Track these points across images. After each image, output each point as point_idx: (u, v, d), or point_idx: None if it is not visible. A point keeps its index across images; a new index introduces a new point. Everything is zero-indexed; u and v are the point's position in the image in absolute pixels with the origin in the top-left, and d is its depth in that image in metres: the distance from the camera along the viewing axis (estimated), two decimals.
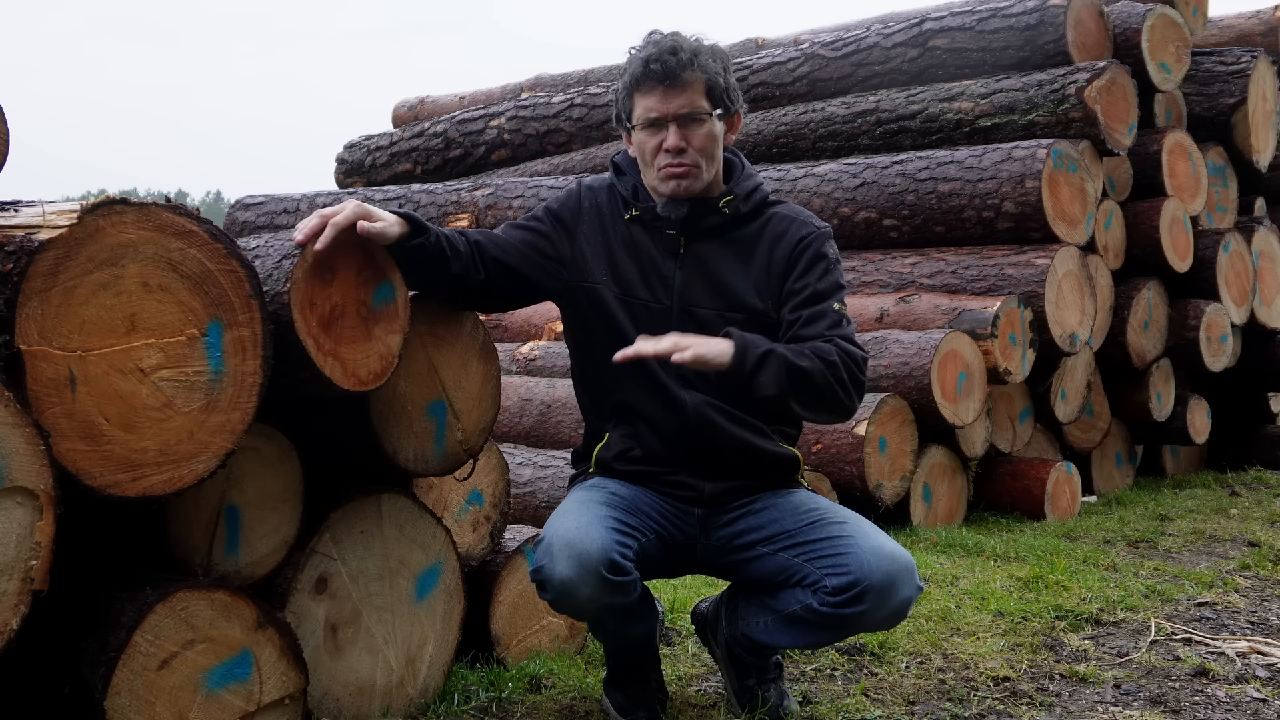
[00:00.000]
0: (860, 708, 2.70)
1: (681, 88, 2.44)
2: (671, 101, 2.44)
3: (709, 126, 2.47)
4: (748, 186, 2.57)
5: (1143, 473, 6.81)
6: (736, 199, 2.54)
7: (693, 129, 2.46)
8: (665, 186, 2.49)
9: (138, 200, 1.92)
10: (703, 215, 2.52)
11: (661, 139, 2.46)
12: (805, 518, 2.45)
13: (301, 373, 2.17)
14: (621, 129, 2.59)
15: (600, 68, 9.22)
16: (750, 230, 2.55)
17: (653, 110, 2.45)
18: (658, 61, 2.43)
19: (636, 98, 2.48)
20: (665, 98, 2.44)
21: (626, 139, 2.60)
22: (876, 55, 6.70)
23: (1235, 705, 2.77)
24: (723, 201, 2.53)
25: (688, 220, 2.51)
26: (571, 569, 2.24)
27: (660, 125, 2.46)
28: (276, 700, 2.17)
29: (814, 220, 2.58)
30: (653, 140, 2.47)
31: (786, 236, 2.53)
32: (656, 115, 2.45)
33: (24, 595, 1.76)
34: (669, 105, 2.44)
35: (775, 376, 2.31)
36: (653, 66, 2.44)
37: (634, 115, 2.50)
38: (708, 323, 2.48)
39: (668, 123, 2.45)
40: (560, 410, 5.34)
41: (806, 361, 2.34)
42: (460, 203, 7.57)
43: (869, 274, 5.82)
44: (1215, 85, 6.88)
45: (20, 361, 1.78)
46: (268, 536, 2.34)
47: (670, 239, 2.52)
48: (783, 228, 2.55)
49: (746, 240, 2.54)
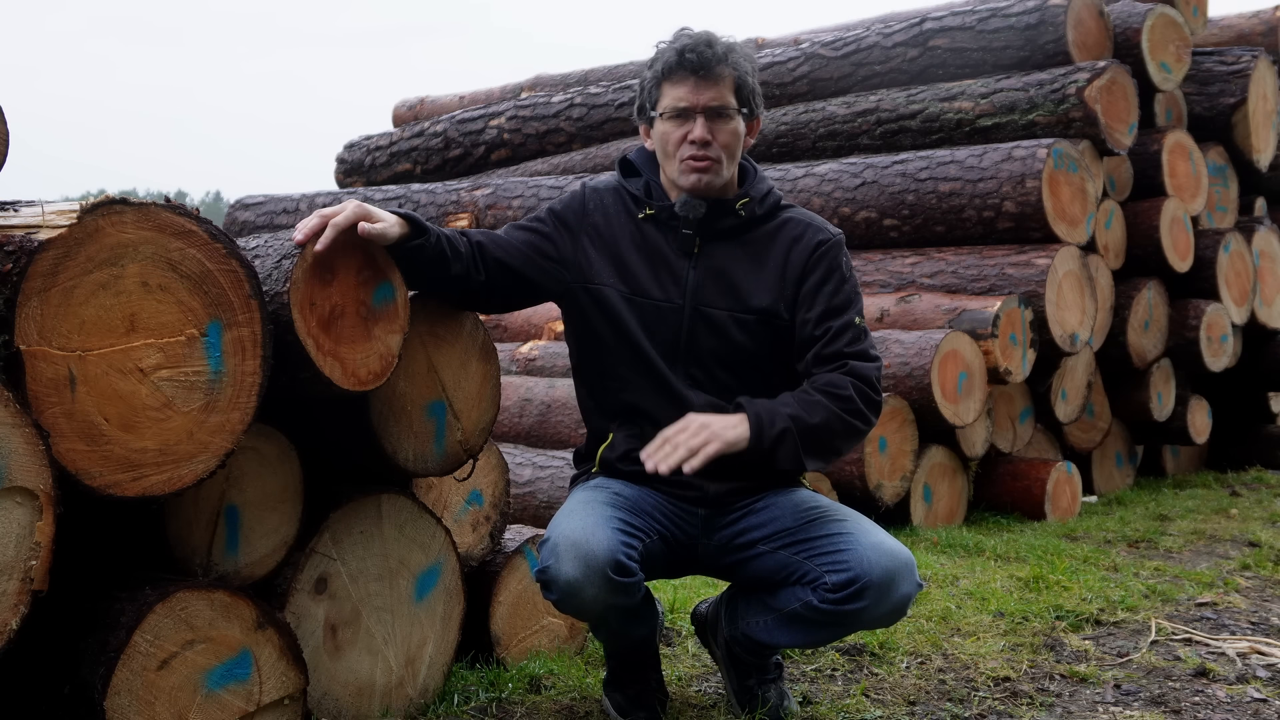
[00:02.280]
0: (860, 708, 2.70)
1: (714, 81, 2.44)
2: (702, 93, 2.44)
3: (734, 124, 2.48)
4: (762, 189, 2.57)
5: (1143, 473, 6.81)
6: (752, 201, 2.54)
7: (719, 124, 2.46)
8: (686, 180, 2.48)
9: (137, 200, 1.92)
10: (719, 216, 2.52)
11: (687, 130, 2.45)
12: (805, 515, 2.45)
13: (301, 373, 2.17)
14: (642, 120, 2.58)
15: (600, 68, 9.22)
16: (764, 233, 2.55)
17: (682, 100, 2.45)
18: (693, 51, 2.43)
19: (665, 87, 2.48)
20: (696, 89, 2.44)
21: (645, 132, 2.59)
22: (876, 55, 6.70)
23: (1235, 705, 2.77)
24: (739, 204, 2.53)
25: (704, 220, 2.51)
26: (577, 570, 2.24)
27: (688, 116, 2.45)
28: (276, 700, 2.17)
29: (828, 226, 2.59)
30: (678, 131, 2.47)
31: (802, 241, 2.54)
32: (686, 105, 2.45)
33: (24, 595, 1.76)
34: (699, 96, 2.44)
35: (792, 451, 2.36)
36: (688, 56, 2.43)
37: (660, 104, 2.49)
38: (719, 323, 2.48)
39: (696, 114, 2.44)
40: (560, 410, 5.34)
41: (820, 416, 2.38)
42: (460, 202, 7.57)
43: (869, 274, 5.82)
44: (1215, 85, 6.88)
45: (20, 361, 1.78)
46: (267, 536, 2.34)
47: (686, 238, 2.52)
48: (798, 231, 2.55)
49: (760, 242, 2.54)
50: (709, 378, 2.49)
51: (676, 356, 2.49)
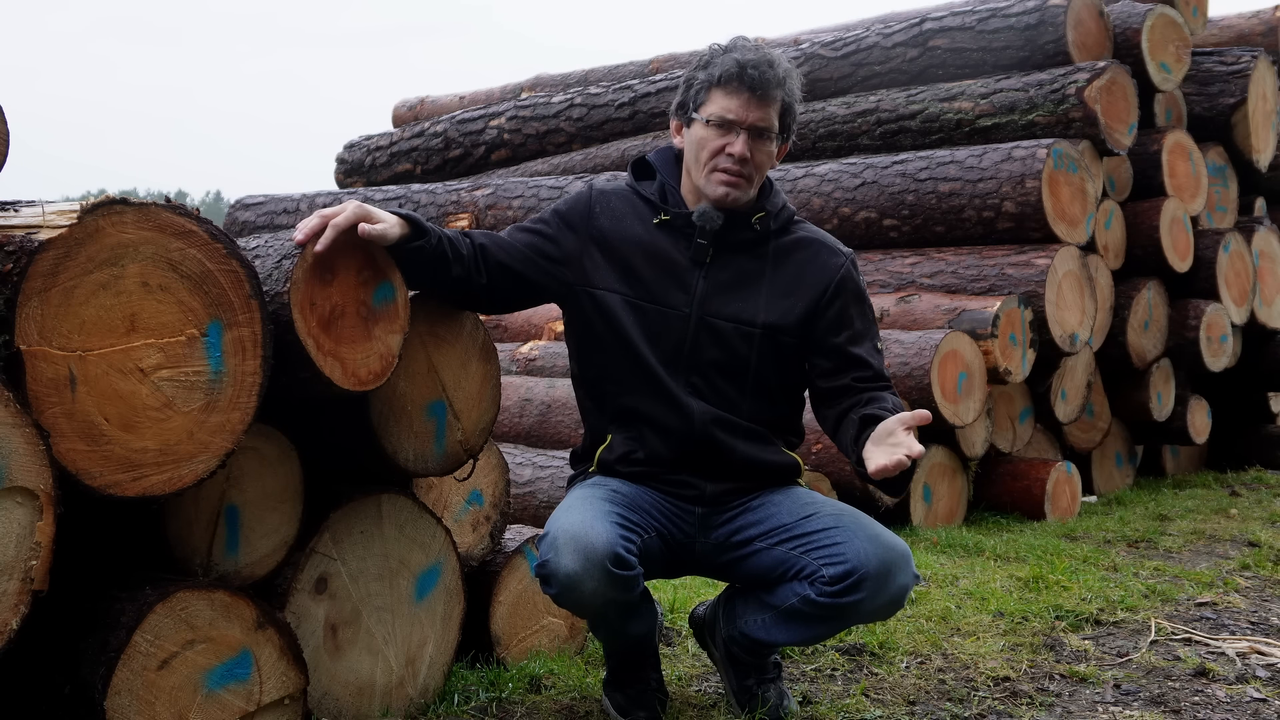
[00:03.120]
0: (860, 708, 2.70)
1: (767, 102, 2.46)
2: (753, 111, 2.45)
3: (772, 146, 2.51)
4: (778, 204, 2.59)
5: (1143, 473, 6.81)
6: (768, 215, 2.56)
7: (760, 144, 2.48)
8: (714, 190, 2.49)
9: (137, 200, 1.92)
10: (734, 229, 2.53)
11: (727, 143, 2.46)
12: (801, 511, 2.46)
13: (301, 373, 2.17)
14: (679, 117, 2.58)
15: (600, 68, 9.22)
16: (777, 247, 2.56)
17: (731, 112, 2.46)
18: (755, 69, 2.44)
19: (716, 94, 2.48)
20: (749, 105, 2.45)
21: (677, 128, 2.59)
22: (876, 55, 6.70)
23: (1235, 705, 2.77)
24: (755, 217, 2.54)
25: (720, 232, 2.52)
26: (577, 563, 2.25)
27: (732, 129, 2.46)
28: (276, 700, 2.17)
29: (839, 245, 2.62)
30: (718, 141, 2.47)
31: (817, 261, 2.56)
32: (734, 118, 2.46)
33: (24, 595, 1.76)
34: (750, 113, 2.45)
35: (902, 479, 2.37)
36: (750, 72, 2.44)
37: (706, 109, 2.49)
38: (724, 334, 2.49)
39: (742, 129, 2.46)
40: (560, 410, 5.34)
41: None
42: (460, 203, 7.57)
43: (869, 274, 5.81)
44: (1215, 85, 6.88)
45: (20, 361, 1.78)
46: (268, 536, 2.34)
47: (700, 248, 2.52)
48: (812, 251, 2.58)
49: (773, 258, 2.55)
50: (710, 387, 2.50)
51: (679, 364, 2.49)
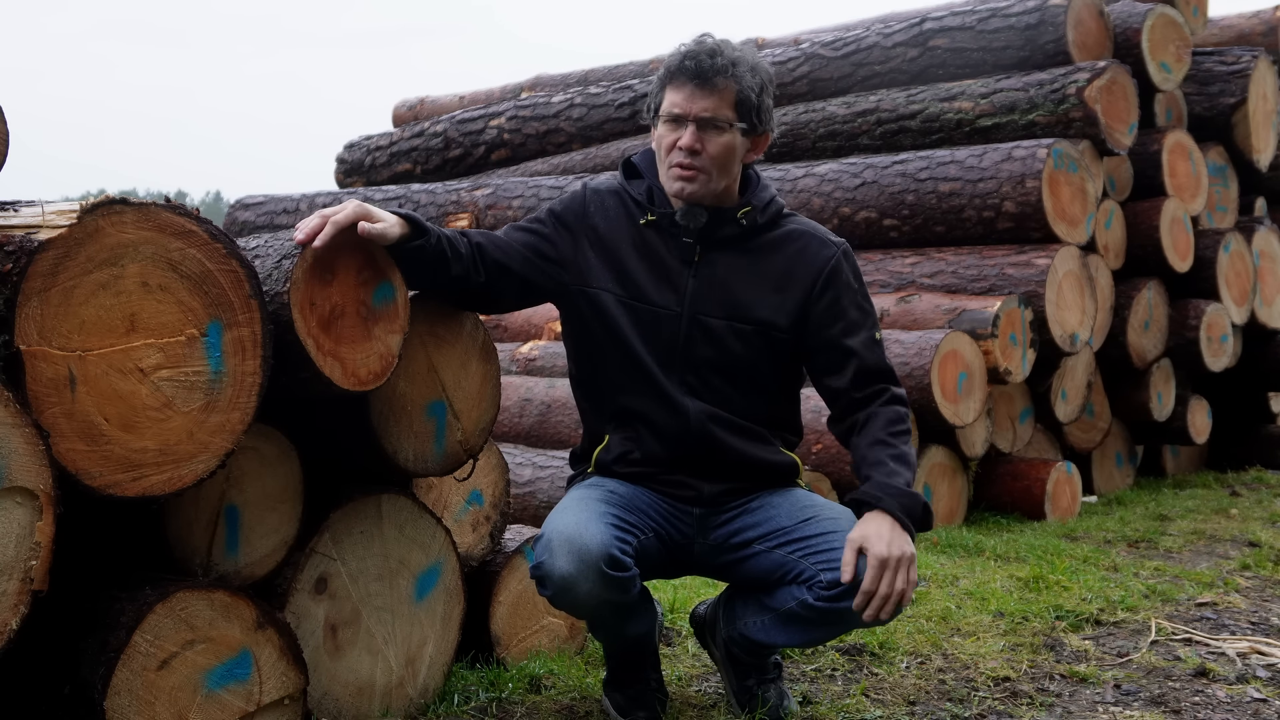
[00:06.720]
0: (860, 708, 2.70)
1: (710, 91, 2.43)
2: (696, 102, 2.43)
3: (728, 137, 2.45)
4: (764, 198, 2.57)
5: (1143, 473, 6.81)
6: (754, 210, 2.54)
7: (710, 135, 2.44)
8: (671, 185, 2.49)
9: (137, 200, 1.92)
10: (719, 225, 2.52)
11: (678, 137, 2.45)
12: (800, 514, 2.46)
13: (301, 373, 2.17)
14: (650, 120, 2.59)
15: (600, 68, 9.22)
16: (766, 242, 2.55)
17: (676, 106, 2.45)
18: (694, 59, 2.43)
19: (667, 90, 2.48)
20: (692, 97, 2.44)
21: (653, 131, 2.60)
22: (876, 55, 6.70)
23: (1235, 705, 2.77)
24: (740, 213, 2.52)
25: (705, 229, 2.51)
26: (571, 564, 2.24)
27: (680, 122, 2.45)
28: (276, 700, 2.17)
29: (831, 236, 2.59)
30: (670, 136, 2.47)
31: (808, 254, 2.53)
32: (679, 112, 2.45)
33: (24, 595, 1.76)
34: (693, 105, 2.44)
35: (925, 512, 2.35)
36: (688, 63, 2.43)
37: (661, 107, 2.49)
38: (717, 332, 2.48)
39: (688, 121, 2.44)
40: (560, 410, 5.34)
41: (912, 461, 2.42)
42: (460, 203, 7.57)
43: (869, 274, 5.81)
44: (1215, 85, 6.87)
45: (20, 361, 1.78)
46: (267, 536, 2.34)
47: (687, 246, 2.51)
48: (802, 244, 2.55)
49: (762, 252, 2.54)
50: (705, 385, 2.49)
51: (673, 363, 2.49)
